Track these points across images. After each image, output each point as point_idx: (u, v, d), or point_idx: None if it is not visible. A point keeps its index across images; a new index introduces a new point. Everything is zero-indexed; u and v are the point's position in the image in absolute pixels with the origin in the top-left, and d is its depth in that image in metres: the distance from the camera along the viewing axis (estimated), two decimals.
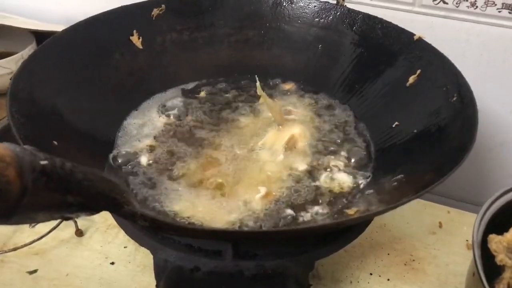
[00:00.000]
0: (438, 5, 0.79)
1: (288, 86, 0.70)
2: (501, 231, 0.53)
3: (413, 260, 0.65)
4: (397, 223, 0.71)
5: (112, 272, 0.62)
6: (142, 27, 0.67)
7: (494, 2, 0.76)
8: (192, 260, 0.48)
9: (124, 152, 0.57)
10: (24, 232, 0.66)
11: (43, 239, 0.64)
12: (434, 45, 0.79)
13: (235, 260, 0.48)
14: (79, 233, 0.66)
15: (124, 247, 0.65)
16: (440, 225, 0.70)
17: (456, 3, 0.78)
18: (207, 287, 0.48)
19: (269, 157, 0.56)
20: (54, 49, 0.58)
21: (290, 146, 0.57)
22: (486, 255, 0.51)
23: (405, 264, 0.65)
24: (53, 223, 0.65)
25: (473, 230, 0.52)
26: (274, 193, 0.51)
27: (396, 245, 0.67)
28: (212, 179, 0.53)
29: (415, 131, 0.55)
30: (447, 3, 0.78)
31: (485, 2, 0.77)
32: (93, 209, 0.33)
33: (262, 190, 0.51)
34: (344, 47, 0.68)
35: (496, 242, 0.53)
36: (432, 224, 0.71)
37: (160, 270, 0.50)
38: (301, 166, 0.55)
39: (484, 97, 0.80)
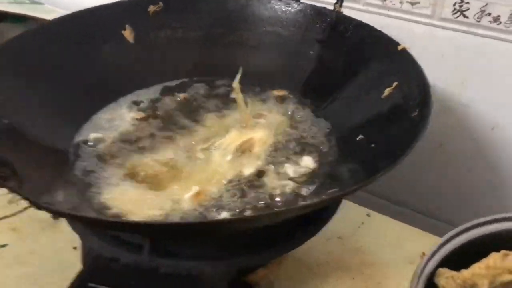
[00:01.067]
0: (458, 18, 0.73)
1: (280, 92, 0.68)
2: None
3: None
4: (374, 247, 0.66)
5: (73, 257, 0.63)
6: (136, 22, 0.69)
7: None
8: (113, 251, 0.48)
9: (81, 139, 0.58)
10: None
11: (25, 216, 0.68)
12: (455, 63, 0.74)
13: (152, 256, 0.47)
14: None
15: None
16: (423, 256, 0.64)
17: (478, 18, 0.72)
18: (122, 279, 0.47)
19: (220, 158, 0.55)
20: (39, 37, 0.61)
21: (244, 148, 0.56)
22: None
23: None
24: None
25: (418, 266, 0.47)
26: (206, 194, 0.50)
27: (366, 270, 0.62)
28: (150, 172, 0.52)
29: (372, 145, 0.51)
30: (467, 17, 0.72)
31: (509, 18, 0.70)
32: None
33: (194, 189, 0.50)
34: (336, 56, 0.65)
35: (448, 277, 0.47)
36: (414, 253, 0.65)
37: (85, 257, 0.50)
38: (248, 170, 0.53)
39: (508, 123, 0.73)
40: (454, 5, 0.72)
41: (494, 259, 0.49)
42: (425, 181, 0.86)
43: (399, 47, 0.58)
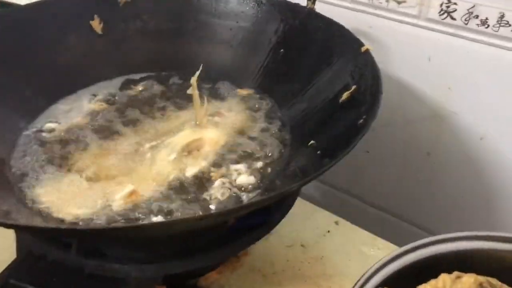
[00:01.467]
0: (445, 20, 0.68)
1: (244, 91, 0.65)
2: None
3: None
4: (337, 258, 0.62)
5: None
6: (105, 13, 0.67)
7: (508, 22, 0.64)
8: (43, 247, 0.47)
9: (33, 128, 0.58)
10: None
11: None
12: (442, 67, 0.70)
13: (79, 255, 0.46)
14: None
15: None
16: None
17: (465, 20, 0.67)
18: (47, 277, 0.46)
19: (165, 157, 0.53)
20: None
21: (191, 148, 0.53)
22: None
23: None
24: None
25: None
26: (139, 194, 0.48)
27: (322, 282, 0.59)
28: (90, 167, 0.51)
29: (318, 152, 0.48)
30: (455, 19, 0.68)
31: (497, 21, 0.65)
32: None
33: (128, 188, 0.48)
34: (304, 56, 0.62)
35: None
36: None
37: (18, 249, 0.49)
38: (191, 171, 0.51)
39: (497, 132, 0.69)
40: (441, 5, 0.67)
41: (444, 281, 0.45)
42: (411, 189, 0.82)
43: (363, 48, 0.55)
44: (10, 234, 0.57)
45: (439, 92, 0.72)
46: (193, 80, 0.56)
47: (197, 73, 0.57)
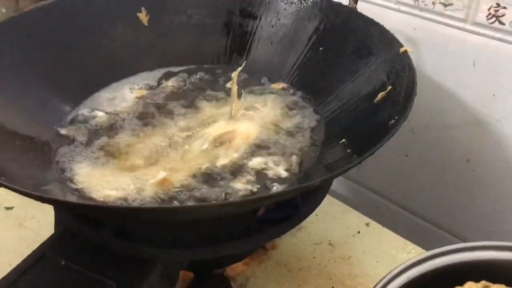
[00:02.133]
0: (493, 24, 0.67)
1: (279, 85, 0.66)
2: None
3: None
4: (364, 259, 0.62)
5: None
6: (152, 6, 0.69)
7: None
8: (77, 225, 0.50)
9: (76, 114, 0.61)
10: None
11: None
12: (487, 73, 0.68)
13: (110, 236, 0.48)
14: None
15: None
16: None
17: None
18: (81, 252, 0.48)
19: (198, 147, 0.54)
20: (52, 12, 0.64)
21: (223, 140, 0.54)
22: None
23: None
24: None
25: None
26: (171, 181, 0.49)
27: (347, 281, 0.59)
28: (126, 152, 0.53)
29: (348, 150, 0.48)
30: (503, 24, 0.66)
31: None
32: None
33: (161, 175, 0.49)
34: (343, 54, 0.62)
35: None
36: None
37: (56, 226, 0.52)
38: (222, 161, 0.52)
39: None
40: (489, 9, 0.66)
41: None
42: (448, 196, 0.80)
43: (401, 49, 0.54)
44: (53, 212, 0.61)
45: (483, 99, 0.71)
46: (234, 74, 0.58)
47: (239, 68, 0.58)
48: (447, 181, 0.79)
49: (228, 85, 0.58)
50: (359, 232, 0.66)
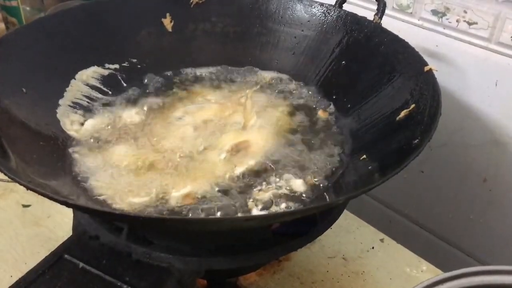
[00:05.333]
0: None
1: (301, 100, 0.66)
2: None
3: None
4: (379, 276, 0.62)
5: None
6: (177, 12, 0.70)
7: None
8: (96, 228, 0.50)
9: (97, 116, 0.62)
10: None
11: None
12: (509, 93, 0.68)
13: (128, 241, 0.48)
14: None
15: None
16: None
17: None
18: (99, 256, 0.49)
19: (215, 157, 0.54)
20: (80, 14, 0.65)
21: (238, 149, 0.55)
22: None
23: None
24: None
25: None
26: (195, 194, 0.49)
27: None
28: (145, 161, 0.53)
29: (370, 167, 0.48)
30: None
31: None
32: None
33: (185, 189, 0.49)
34: (366, 69, 0.62)
35: None
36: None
37: (74, 228, 0.52)
38: (239, 170, 0.52)
39: None
40: None
41: None
42: (463, 215, 0.80)
43: (426, 68, 0.54)
44: (68, 212, 0.61)
45: (503, 118, 0.70)
46: (249, 92, 0.58)
47: (254, 88, 0.59)
48: (462, 199, 0.79)
49: (243, 99, 0.59)
50: (373, 247, 0.66)
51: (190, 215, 0.48)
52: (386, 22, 0.66)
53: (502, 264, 0.45)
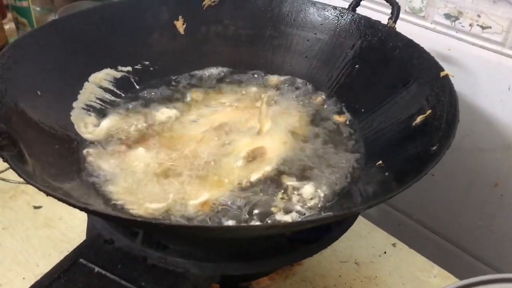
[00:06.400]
0: None
1: (316, 100, 0.66)
2: None
3: None
4: (391, 281, 0.62)
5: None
6: (189, 15, 0.70)
7: None
8: (111, 232, 0.50)
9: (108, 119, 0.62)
10: None
11: None
12: None
13: (143, 245, 0.48)
14: None
15: None
16: None
17: None
18: (114, 260, 0.48)
19: (232, 163, 0.54)
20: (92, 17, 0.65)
21: (254, 155, 0.54)
22: None
23: None
24: None
25: None
26: (213, 202, 0.49)
27: None
28: (163, 166, 0.53)
29: (386, 174, 0.48)
30: None
31: None
32: None
33: (203, 197, 0.49)
34: (381, 73, 0.62)
35: None
36: None
37: (88, 231, 0.52)
38: (255, 177, 0.52)
39: None
40: None
41: None
42: (474, 220, 0.79)
43: (442, 73, 0.53)
44: (80, 214, 0.61)
45: None
46: (265, 95, 0.58)
47: (268, 94, 0.58)
48: (472, 204, 0.79)
49: (258, 104, 0.58)
50: (385, 252, 0.66)
51: (209, 222, 0.48)
52: (398, 26, 0.66)
53: None
